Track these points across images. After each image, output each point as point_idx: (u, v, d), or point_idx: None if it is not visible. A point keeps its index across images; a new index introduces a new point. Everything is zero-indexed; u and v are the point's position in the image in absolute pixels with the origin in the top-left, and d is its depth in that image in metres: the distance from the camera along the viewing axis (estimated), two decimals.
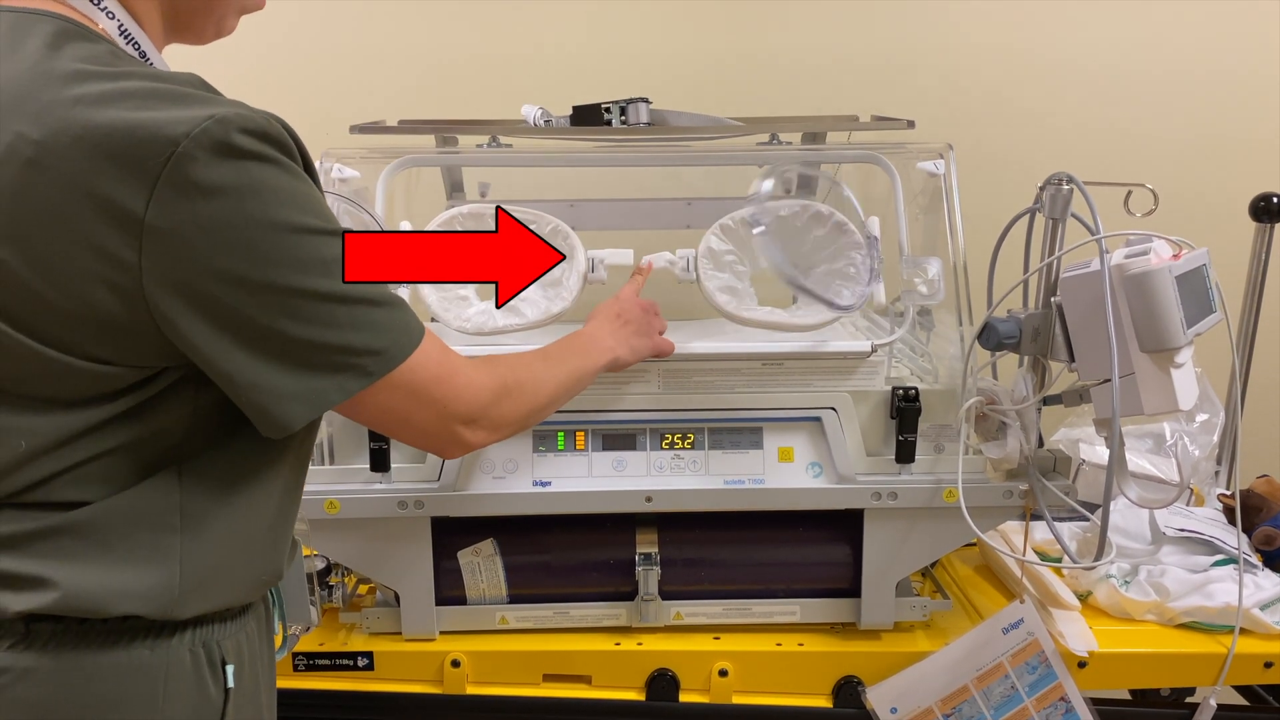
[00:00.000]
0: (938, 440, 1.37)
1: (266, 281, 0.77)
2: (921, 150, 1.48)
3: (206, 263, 0.75)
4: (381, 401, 0.87)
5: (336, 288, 0.80)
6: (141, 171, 0.72)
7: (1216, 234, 1.48)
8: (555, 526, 1.41)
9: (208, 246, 0.75)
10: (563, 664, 1.40)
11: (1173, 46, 2.02)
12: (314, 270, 0.79)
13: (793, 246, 1.42)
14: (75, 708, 0.81)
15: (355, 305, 0.82)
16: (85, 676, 0.82)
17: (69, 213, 0.73)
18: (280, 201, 0.77)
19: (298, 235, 0.78)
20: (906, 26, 2.02)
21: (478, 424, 0.95)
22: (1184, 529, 1.49)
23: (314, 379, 0.81)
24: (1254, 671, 1.37)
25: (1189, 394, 1.23)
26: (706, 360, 1.37)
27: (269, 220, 0.77)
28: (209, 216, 0.74)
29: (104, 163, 0.72)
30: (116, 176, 0.72)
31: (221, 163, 0.74)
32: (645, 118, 1.55)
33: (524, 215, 1.40)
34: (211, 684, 0.87)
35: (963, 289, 1.39)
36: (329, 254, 0.80)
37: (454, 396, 0.92)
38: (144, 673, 0.83)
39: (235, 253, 0.76)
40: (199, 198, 0.74)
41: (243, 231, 0.76)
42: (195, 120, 0.73)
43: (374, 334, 0.83)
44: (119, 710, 0.83)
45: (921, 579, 1.57)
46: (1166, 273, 1.18)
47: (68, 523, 0.81)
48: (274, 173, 0.77)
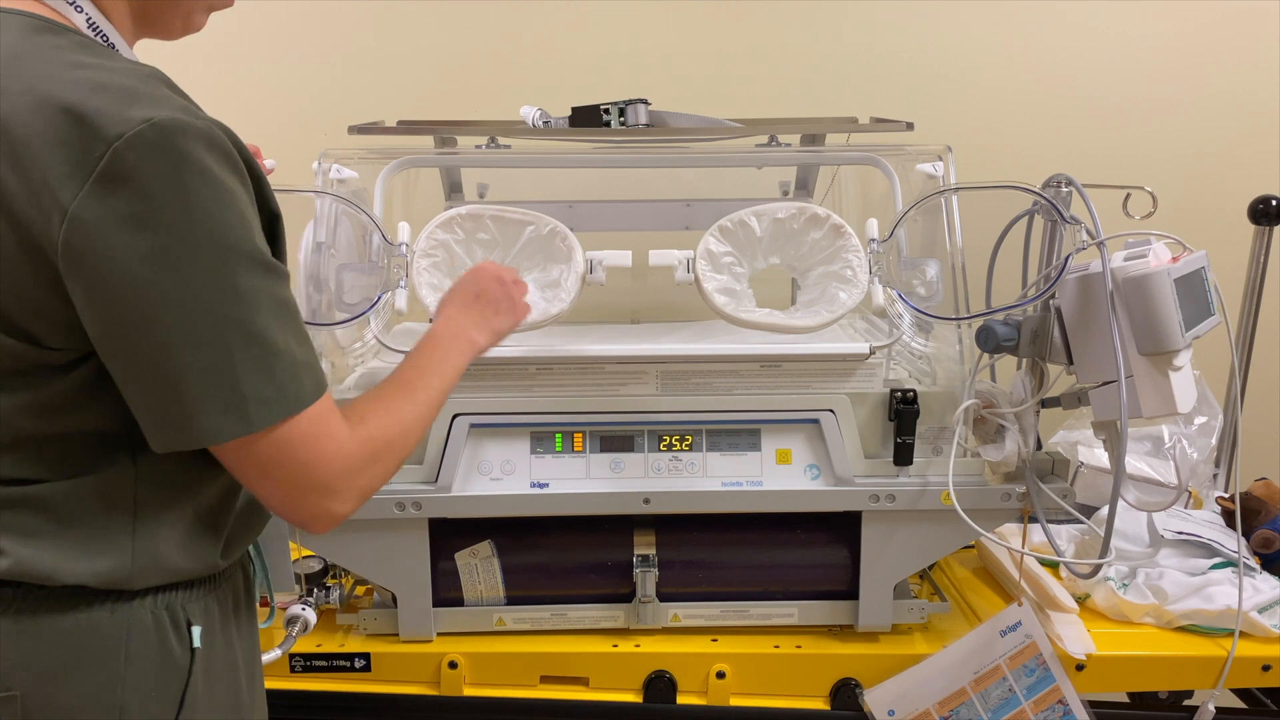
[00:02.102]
0: (936, 442, 1.37)
1: (173, 296, 0.76)
2: (920, 152, 1.48)
3: (123, 267, 0.75)
4: (248, 450, 0.82)
5: (241, 316, 0.79)
6: (79, 161, 0.74)
7: (1215, 236, 1.48)
8: (553, 528, 1.41)
9: (127, 251, 0.75)
10: (560, 666, 1.40)
11: (1172, 49, 2.02)
12: (224, 294, 0.78)
13: (790, 249, 1.42)
14: (36, 669, 0.83)
15: (257, 344, 0.80)
16: (45, 638, 0.83)
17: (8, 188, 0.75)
18: (209, 217, 0.77)
19: (222, 257, 0.78)
20: (906, 29, 2.02)
21: (340, 496, 0.87)
22: (1182, 532, 1.49)
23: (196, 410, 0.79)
24: (1252, 674, 1.37)
25: (1187, 397, 1.22)
26: (705, 362, 1.37)
27: (190, 233, 0.76)
28: (131, 218, 0.74)
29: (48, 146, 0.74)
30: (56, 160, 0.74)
31: (155, 166, 0.75)
32: (644, 119, 1.55)
33: (522, 216, 1.40)
34: (176, 645, 0.88)
35: (961, 291, 1.39)
36: (245, 284, 0.79)
37: (322, 463, 0.85)
38: (104, 634, 0.85)
39: (153, 262, 0.75)
40: (123, 198, 0.74)
41: (161, 239, 0.75)
42: (133, 121, 0.74)
43: (262, 383, 0.80)
44: (80, 671, 0.84)
45: (919, 581, 1.57)
46: (1165, 275, 1.17)
47: (22, 497, 0.82)
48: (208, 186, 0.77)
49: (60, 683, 0.84)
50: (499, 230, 1.40)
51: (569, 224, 1.41)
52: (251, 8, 1.90)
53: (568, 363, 1.37)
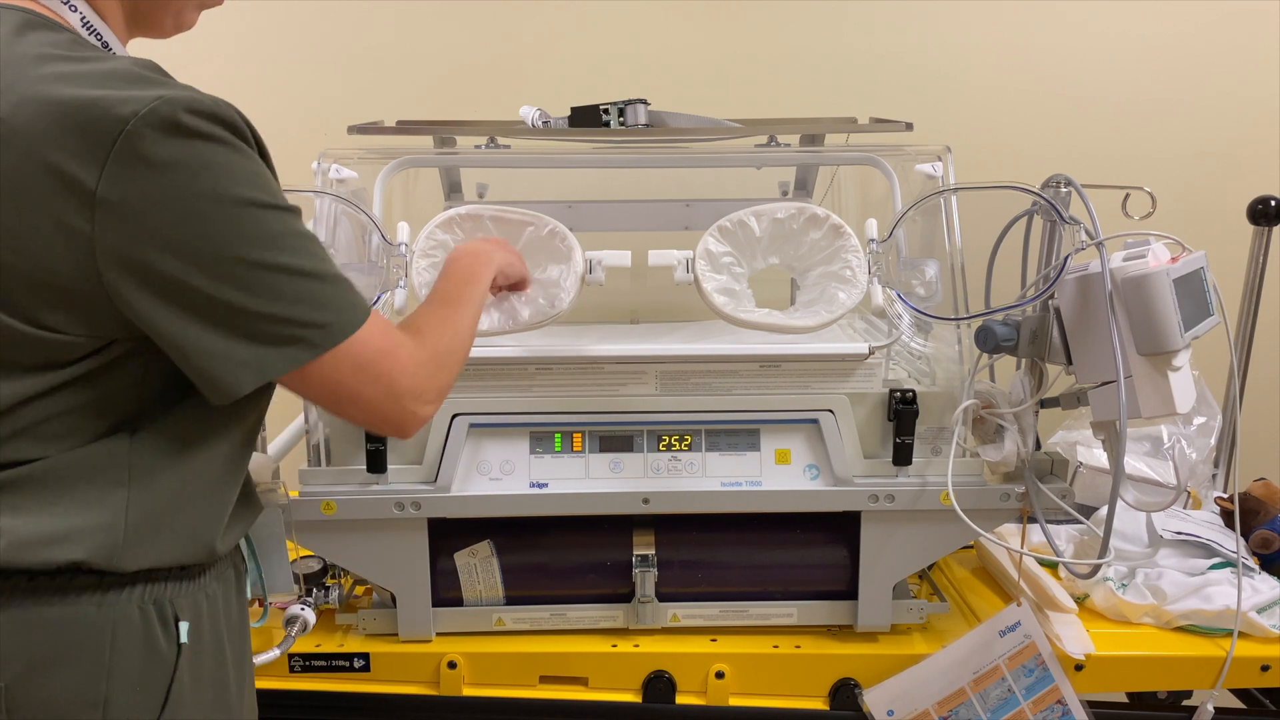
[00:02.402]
0: (935, 443, 1.37)
1: (214, 253, 0.80)
2: (920, 152, 1.48)
3: (156, 235, 0.78)
4: (329, 376, 0.88)
5: (283, 260, 0.83)
6: (95, 147, 0.76)
7: (1214, 237, 1.48)
8: (552, 528, 1.41)
9: (157, 220, 0.78)
10: (559, 666, 1.40)
11: (1171, 50, 2.02)
12: (261, 243, 0.82)
13: (789, 249, 1.42)
14: (22, 660, 0.83)
15: (301, 278, 0.84)
16: (31, 629, 0.84)
17: (30, 183, 0.77)
18: (228, 177, 0.80)
19: (245, 209, 0.81)
20: (905, 29, 2.02)
21: (423, 398, 0.96)
22: (1181, 532, 1.49)
23: (260, 349, 0.84)
24: (1251, 674, 1.37)
25: (1186, 397, 1.23)
26: (704, 362, 1.37)
27: (216, 194, 0.80)
28: (158, 190, 0.78)
29: (61, 136, 0.76)
30: (72, 150, 0.76)
31: (169, 140, 0.77)
32: (643, 119, 1.55)
33: (522, 216, 1.40)
34: (163, 639, 0.89)
35: (960, 291, 1.39)
36: (277, 228, 0.83)
37: (400, 371, 0.92)
38: (90, 626, 0.85)
39: (184, 225, 0.79)
40: (148, 172, 0.77)
41: (191, 204, 0.79)
42: (145, 100, 0.77)
43: (319, 308, 0.86)
44: (66, 663, 0.85)
45: (919, 581, 1.57)
46: (1164, 276, 1.17)
47: (18, 476, 0.83)
48: (221, 150, 0.80)
49: (45, 674, 0.84)
50: (498, 230, 1.39)
51: (568, 224, 1.41)
52: (251, 8, 1.90)
53: (567, 363, 1.37)
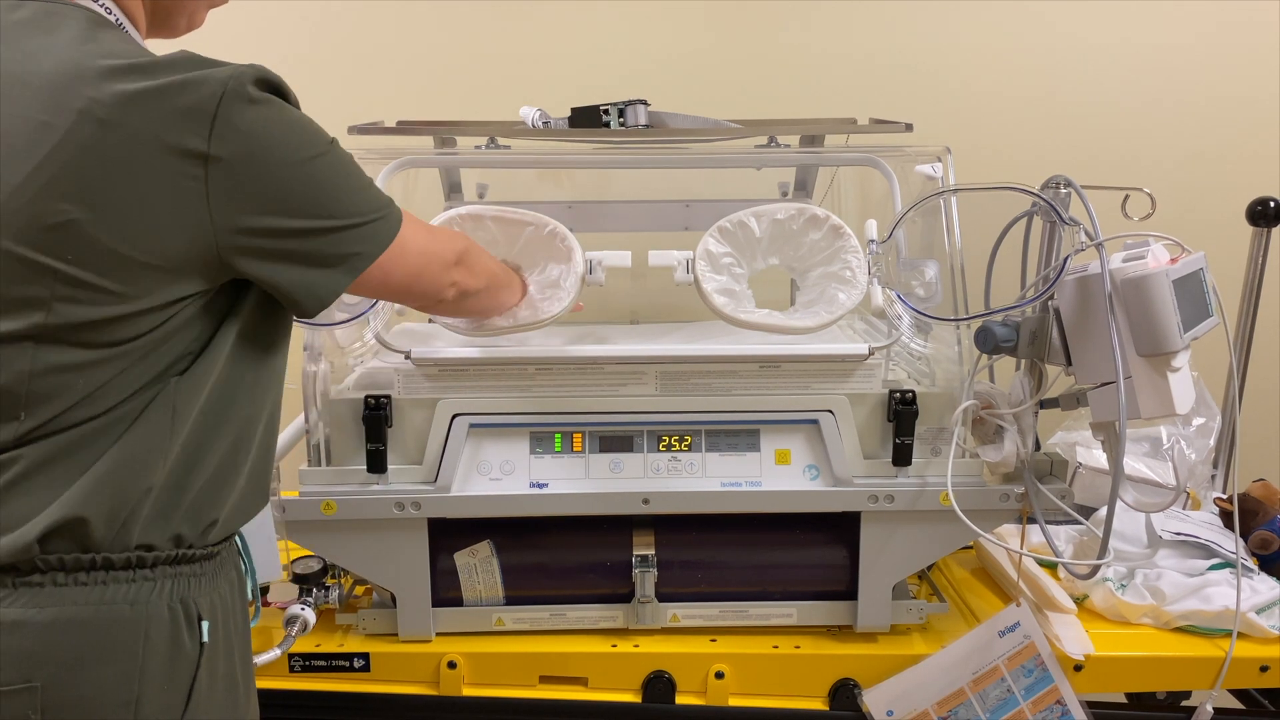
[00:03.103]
0: (935, 443, 1.38)
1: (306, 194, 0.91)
2: (919, 153, 1.48)
3: (257, 183, 0.88)
4: (400, 266, 1.01)
5: (350, 183, 0.96)
6: (200, 113, 0.84)
7: (1213, 238, 1.48)
8: (552, 528, 1.41)
9: (259, 167, 0.88)
10: (559, 666, 1.40)
11: (1169, 52, 2.02)
12: (334, 176, 0.94)
13: (789, 249, 1.42)
14: (58, 660, 0.85)
15: (362, 194, 0.97)
16: (68, 630, 0.86)
17: (141, 162, 0.83)
18: (302, 127, 0.92)
19: (318, 151, 0.92)
20: (905, 30, 2.02)
21: (462, 265, 1.13)
22: (1180, 533, 1.49)
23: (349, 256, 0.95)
24: (1250, 675, 1.37)
25: (1186, 398, 1.23)
26: (704, 362, 1.37)
27: (295, 142, 0.90)
28: (259, 141, 0.87)
29: (166, 113, 0.83)
30: (180, 122, 0.84)
31: (257, 99, 0.87)
32: (643, 120, 1.55)
33: (522, 217, 1.40)
34: (188, 639, 0.92)
35: (960, 292, 1.39)
36: (339, 160, 0.95)
37: (443, 247, 1.10)
38: (126, 625, 0.88)
39: (277, 171, 0.89)
40: (247, 128, 0.86)
41: (280, 153, 0.89)
42: (232, 70, 0.86)
43: (376, 216, 0.98)
44: (100, 662, 0.87)
45: (918, 582, 1.57)
46: (1163, 277, 1.18)
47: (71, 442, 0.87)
48: (290, 109, 0.91)
49: (80, 674, 0.86)
50: (499, 230, 1.40)
51: (568, 224, 1.41)
52: (251, 8, 1.90)
53: (567, 363, 1.37)
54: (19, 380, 0.84)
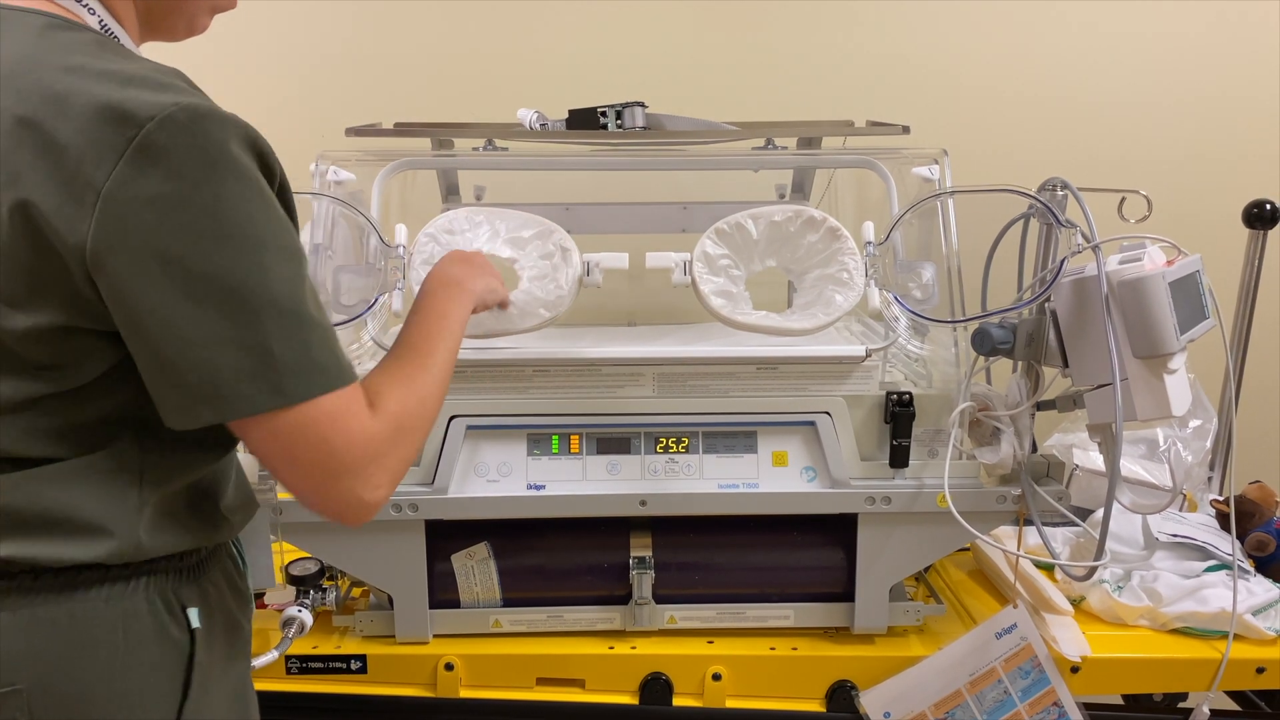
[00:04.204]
0: (932, 445, 1.38)
1: (200, 270, 0.77)
2: (916, 155, 1.48)
3: (149, 240, 0.76)
4: (279, 429, 0.81)
5: (274, 296, 0.79)
6: (109, 144, 0.75)
7: (1210, 240, 1.49)
8: (549, 530, 1.41)
9: (154, 224, 0.76)
10: (556, 667, 1.40)
11: (1167, 53, 2.03)
12: (252, 271, 0.79)
13: (786, 251, 1.42)
14: (38, 661, 0.83)
15: (294, 321, 0.80)
16: (44, 630, 0.84)
17: (39, 175, 0.76)
18: (236, 196, 0.78)
19: (246, 230, 0.79)
20: (902, 32, 2.02)
21: (370, 479, 0.86)
22: (1177, 534, 1.49)
23: (220, 387, 0.79)
24: (1246, 677, 1.38)
25: (1182, 400, 1.23)
26: (701, 364, 1.37)
27: (221, 210, 0.77)
28: (163, 197, 0.76)
29: (78, 134, 0.76)
30: (86, 146, 0.75)
31: (183, 148, 0.76)
32: (641, 121, 1.55)
33: (519, 218, 1.40)
34: (174, 627, 0.89)
35: (957, 294, 1.39)
36: (276, 265, 0.80)
37: (344, 447, 0.84)
38: (101, 622, 0.85)
39: (180, 235, 0.77)
40: (156, 177, 0.76)
41: (194, 217, 0.77)
42: (165, 104, 0.76)
43: (302, 355, 0.81)
44: (80, 660, 0.85)
45: (915, 584, 1.58)
46: (1160, 279, 1.18)
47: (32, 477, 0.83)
48: (235, 169, 0.78)
49: (62, 673, 0.84)
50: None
51: (566, 226, 1.41)
52: (249, 9, 1.90)
53: (564, 365, 1.37)
54: None
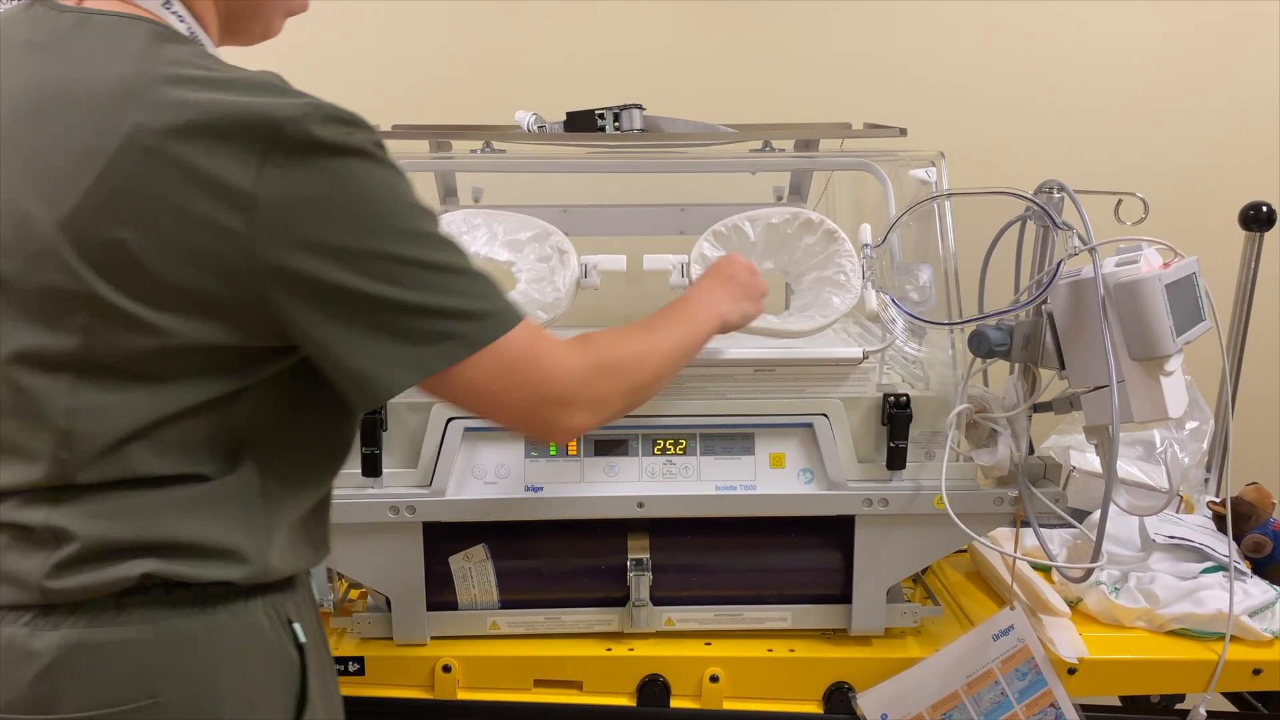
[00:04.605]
0: (929, 447, 1.38)
1: (368, 249, 0.81)
2: (914, 158, 1.48)
3: (311, 232, 0.79)
4: (476, 379, 0.87)
5: (436, 257, 0.84)
6: (250, 149, 0.78)
7: (1206, 242, 1.49)
8: (547, 532, 1.41)
9: (312, 217, 0.79)
10: (554, 669, 1.40)
11: (1165, 56, 2.03)
12: (413, 240, 0.83)
13: (784, 253, 1.42)
14: (176, 674, 0.85)
15: (453, 275, 0.85)
16: (181, 644, 0.86)
17: (183, 195, 0.78)
18: (378, 179, 0.83)
19: (397, 208, 0.83)
20: (899, 35, 2.03)
21: (574, 405, 0.93)
22: (1174, 536, 1.49)
23: (414, 347, 0.83)
24: (1243, 678, 1.38)
25: (1179, 402, 1.23)
26: (698, 366, 1.37)
27: (369, 194, 0.82)
28: (313, 189, 0.79)
29: (215, 144, 0.77)
30: (226, 155, 0.77)
31: (323, 141, 0.79)
32: (639, 124, 1.55)
33: (517, 221, 1.41)
34: (288, 642, 0.92)
35: (954, 296, 1.40)
36: (426, 227, 0.85)
37: (545, 378, 0.90)
38: (230, 636, 0.88)
39: (338, 223, 0.80)
40: (303, 172, 0.79)
41: (345, 203, 0.80)
42: (297, 104, 0.79)
43: (473, 304, 0.86)
44: (214, 673, 0.87)
45: (912, 585, 1.58)
46: (1156, 281, 1.18)
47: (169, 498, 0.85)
48: (369, 155, 0.82)
49: (198, 687, 0.86)
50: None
51: (564, 228, 1.42)
52: None
53: None
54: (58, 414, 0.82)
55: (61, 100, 0.80)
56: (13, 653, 0.83)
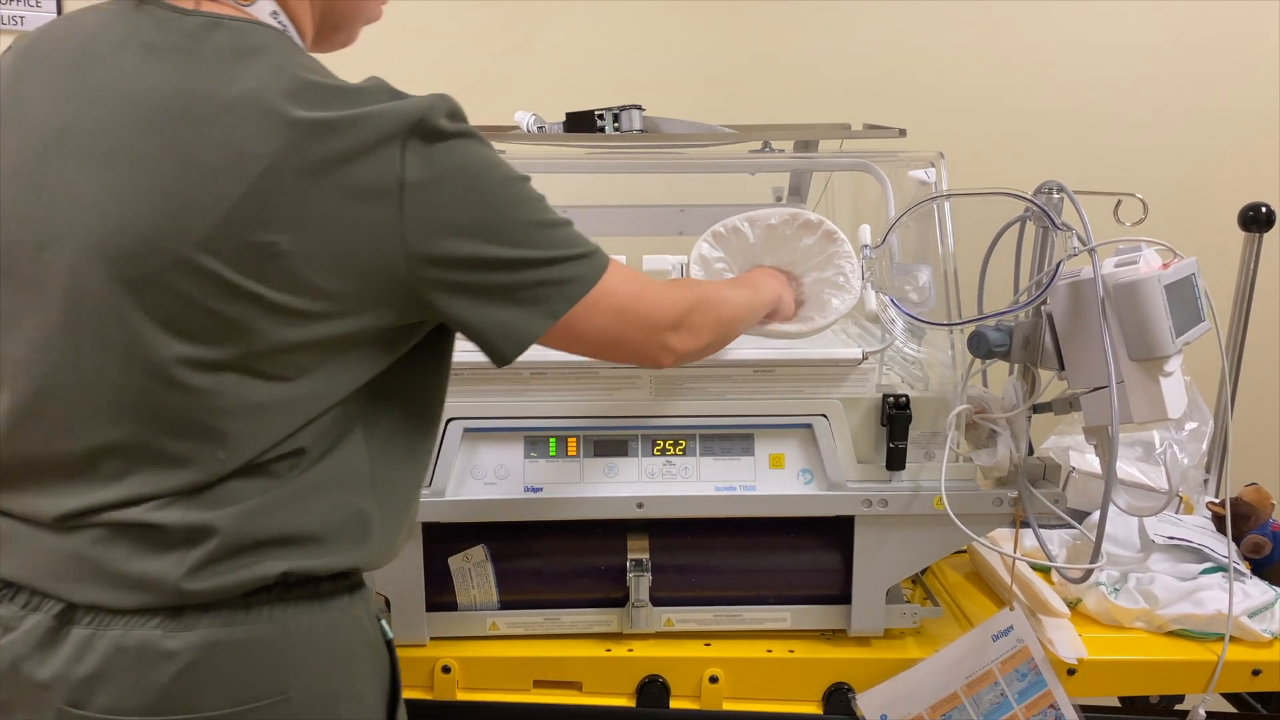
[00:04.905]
0: (928, 448, 1.38)
1: (497, 220, 0.89)
2: (913, 158, 1.48)
3: (452, 213, 0.86)
4: (595, 321, 0.95)
5: (544, 216, 0.93)
6: (392, 149, 0.83)
7: (1205, 243, 1.49)
8: (546, 533, 1.41)
9: (451, 199, 0.86)
10: (553, 670, 1.40)
11: (1164, 56, 2.03)
12: (525, 205, 0.91)
13: (783, 254, 1.42)
14: (306, 668, 0.89)
15: (559, 229, 0.93)
16: (307, 639, 0.89)
17: (335, 202, 0.82)
18: (489, 158, 0.90)
19: (513, 183, 0.91)
20: (899, 36, 2.03)
21: (680, 329, 1.05)
22: (1173, 537, 1.49)
23: (545, 297, 0.91)
24: (1242, 679, 1.38)
25: (1178, 402, 1.23)
26: (698, 367, 1.37)
27: (488, 172, 0.89)
28: (448, 174, 0.86)
29: (361, 151, 0.82)
30: (373, 159, 0.83)
31: (449, 130, 0.86)
32: (638, 124, 1.55)
33: None
34: (381, 637, 0.98)
35: (953, 296, 1.40)
36: (531, 192, 0.93)
37: (653, 308, 1.01)
38: (344, 631, 0.93)
39: (472, 201, 0.87)
40: (437, 160, 0.85)
41: (474, 182, 0.87)
42: (422, 102, 0.86)
43: (578, 249, 0.94)
44: (336, 667, 0.92)
45: (912, 586, 1.58)
46: (1155, 282, 1.18)
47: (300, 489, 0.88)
48: (477, 138, 0.89)
49: (320, 680, 0.90)
50: None
51: None
52: None
53: (561, 367, 1.37)
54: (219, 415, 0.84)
55: (201, 110, 0.81)
56: (147, 655, 0.84)
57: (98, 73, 0.84)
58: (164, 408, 0.83)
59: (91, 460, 0.85)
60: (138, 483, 0.85)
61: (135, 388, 0.83)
